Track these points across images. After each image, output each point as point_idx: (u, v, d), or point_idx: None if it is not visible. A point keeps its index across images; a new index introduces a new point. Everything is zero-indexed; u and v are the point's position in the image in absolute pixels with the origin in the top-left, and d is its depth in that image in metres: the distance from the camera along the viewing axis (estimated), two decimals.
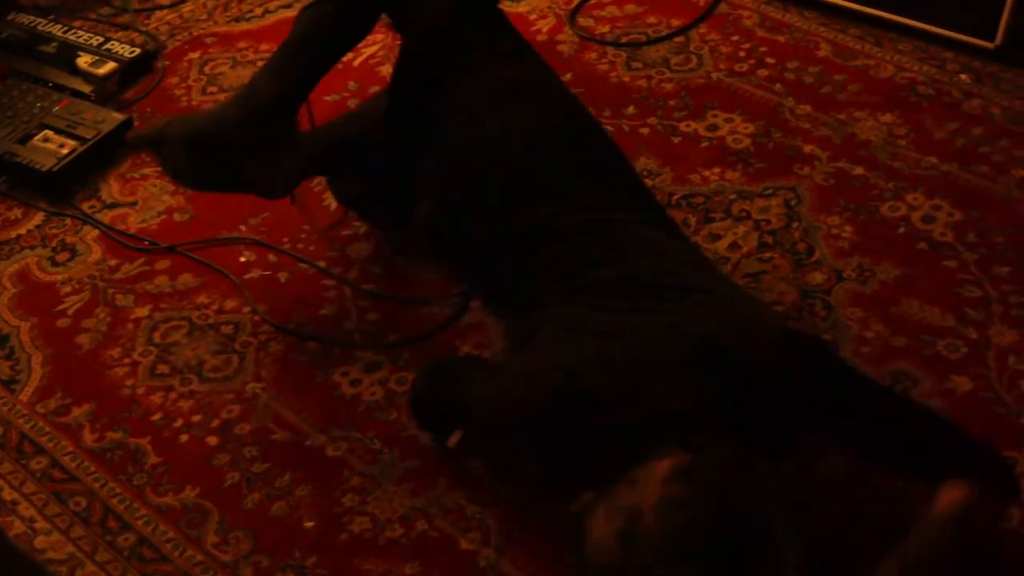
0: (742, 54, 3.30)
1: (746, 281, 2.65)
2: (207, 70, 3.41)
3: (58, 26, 3.49)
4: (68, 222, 2.98)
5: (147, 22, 3.63)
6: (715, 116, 3.10)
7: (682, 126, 3.07)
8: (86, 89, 3.28)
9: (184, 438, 2.48)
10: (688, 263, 2.37)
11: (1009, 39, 3.14)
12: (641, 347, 2.13)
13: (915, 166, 2.90)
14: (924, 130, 3.00)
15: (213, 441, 2.47)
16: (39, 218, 3.00)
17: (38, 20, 3.52)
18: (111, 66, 3.33)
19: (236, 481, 2.40)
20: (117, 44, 3.43)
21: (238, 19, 3.60)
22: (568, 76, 3.22)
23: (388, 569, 2.23)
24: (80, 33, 3.46)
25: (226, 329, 2.69)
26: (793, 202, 2.84)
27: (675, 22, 3.41)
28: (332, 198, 2.82)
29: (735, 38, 3.35)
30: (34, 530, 2.34)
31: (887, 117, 3.05)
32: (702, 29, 3.38)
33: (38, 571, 2.19)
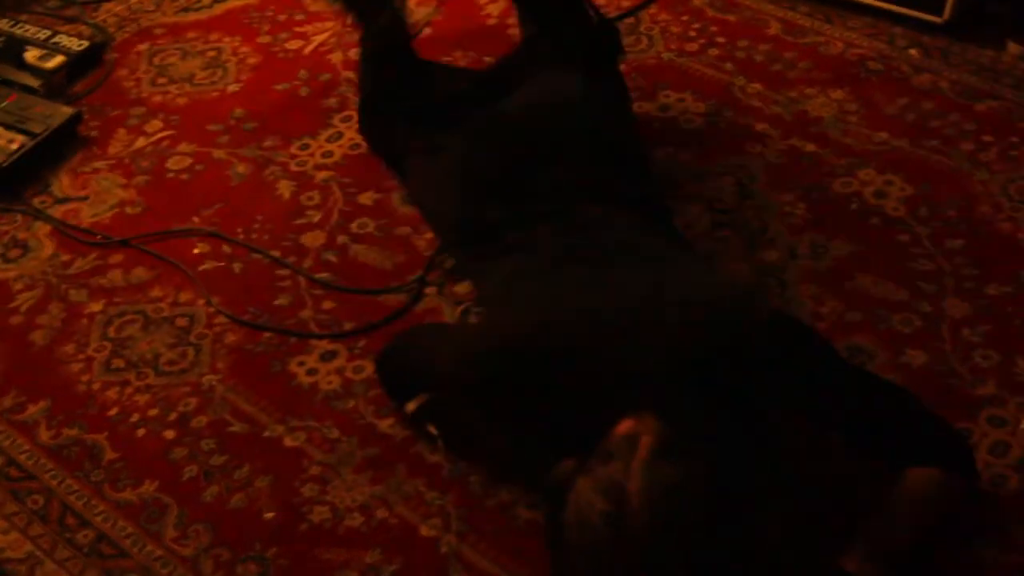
0: (692, 34, 3.30)
1: None
2: (156, 62, 3.39)
3: (4, 20, 3.46)
4: (19, 218, 2.95)
5: (95, 14, 3.60)
6: (667, 96, 3.11)
7: (634, 107, 3.06)
8: (34, 84, 3.25)
9: (141, 432, 2.47)
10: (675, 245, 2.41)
11: (957, 14, 3.16)
12: (619, 303, 2.12)
13: (866, 142, 2.92)
14: (875, 106, 3.02)
15: (170, 435, 2.46)
16: None
17: None
18: (59, 60, 3.31)
19: (194, 474, 2.39)
20: (65, 37, 3.40)
21: (186, 9, 3.58)
22: None
23: (349, 558, 2.22)
24: (27, 27, 3.44)
25: (181, 322, 2.68)
26: (746, 180, 2.85)
27: (625, 3, 3.40)
28: None
29: (685, 18, 3.36)
30: None
31: (838, 94, 3.06)
32: (652, 10, 3.38)
33: None
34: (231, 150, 3.08)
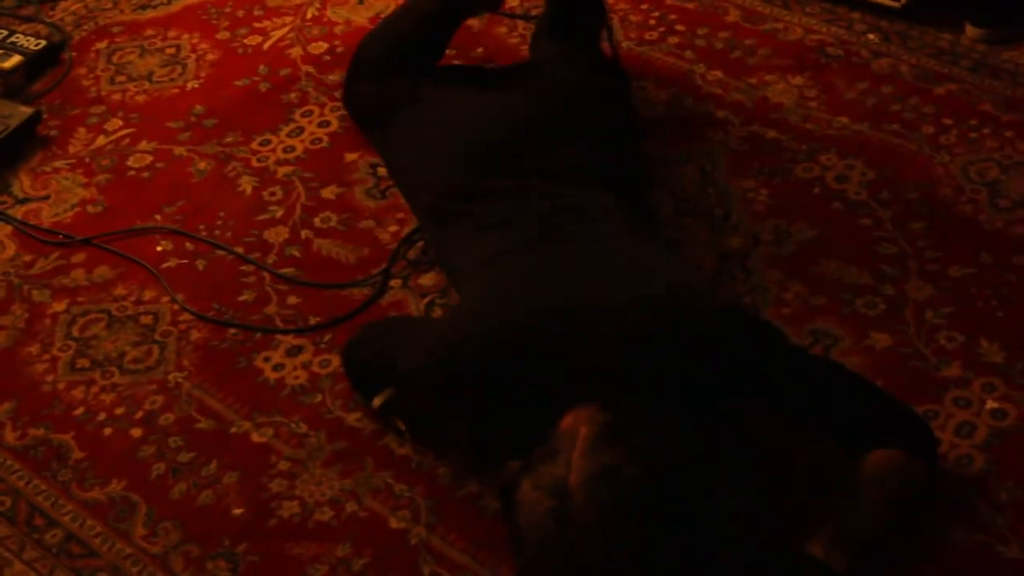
0: (652, 22, 3.30)
1: None
2: (115, 60, 3.37)
3: None
4: None
5: (52, 13, 3.57)
6: None
7: None
8: None
9: (108, 431, 2.46)
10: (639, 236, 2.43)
11: None
12: (584, 296, 2.13)
13: (827, 127, 2.93)
14: (835, 91, 3.03)
15: (137, 433, 2.45)
16: None
17: None
18: (16, 59, 3.29)
19: (162, 472, 2.38)
20: (22, 37, 3.38)
21: (144, 7, 3.55)
22: (479, 50, 3.22)
23: (319, 552, 2.22)
24: None
25: (145, 319, 2.67)
26: (708, 167, 2.85)
27: None
28: None
29: (644, 6, 3.36)
30: None
31: (798, 79, 3.07)
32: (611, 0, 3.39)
33: None
34: (192, 147, 3.06)
